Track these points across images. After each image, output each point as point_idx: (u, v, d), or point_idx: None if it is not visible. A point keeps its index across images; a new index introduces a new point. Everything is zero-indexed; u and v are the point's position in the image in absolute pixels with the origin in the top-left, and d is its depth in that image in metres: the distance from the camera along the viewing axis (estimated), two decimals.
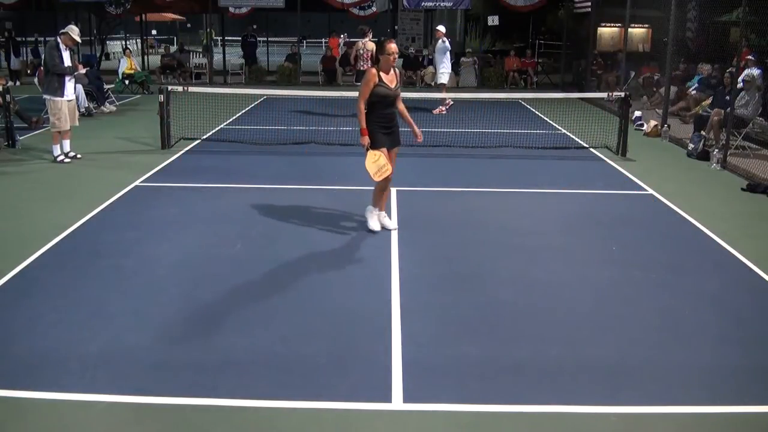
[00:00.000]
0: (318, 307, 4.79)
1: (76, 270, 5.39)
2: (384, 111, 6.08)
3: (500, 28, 22.90)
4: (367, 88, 5.96)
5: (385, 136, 6.12)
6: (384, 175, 6.05)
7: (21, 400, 3.57)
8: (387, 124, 6.12)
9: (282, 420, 3.48)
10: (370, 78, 5.94)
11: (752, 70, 10.80)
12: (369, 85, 5.95)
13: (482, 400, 3.65)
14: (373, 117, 6.06)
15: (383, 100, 6.03)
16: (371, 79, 5.93)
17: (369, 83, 5.94)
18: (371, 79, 5.93)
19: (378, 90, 5.96)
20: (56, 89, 9.01)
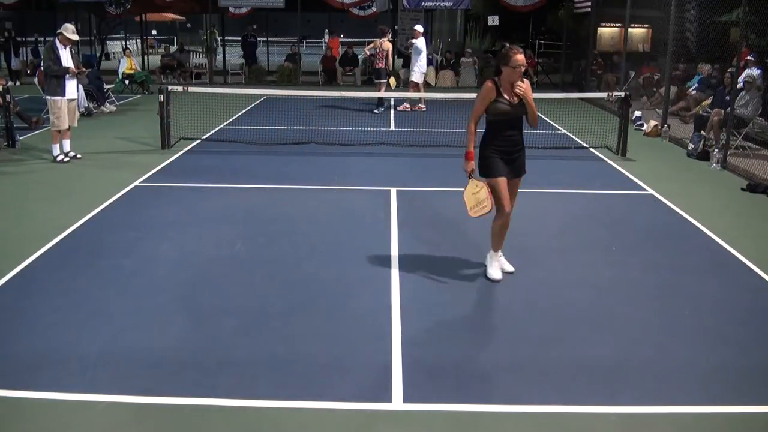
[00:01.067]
0: (318, 307, 4.79)
1: (76, 270, 5.39)
2: (504, 132, 5.09)
3: (500, 28, 22.88)
4: (481, 103, 5.04)
5: (504, 163, 5.12)
6: (481, 212, 5.08)
7: (21, 400, 3.57)
8: (507, 148, 5.11)
9: (282, 420, 3.48)
10: (485, 92, 5.02)
11: (752, 70, 10.81)
12: (484, 101, 5.03)
13: (482, 400, 3.65)
14: (491, 139, 5.13)
15: (502, 118, 5.05)
16: (487, 94, 5.01)
17: (484, 98, 5.02)
18: (487, 93, 5.01)
19: (496, 106, 5.02)
20: (56, 88, 9.02)
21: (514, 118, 5.08)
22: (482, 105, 5.04)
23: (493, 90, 5.01)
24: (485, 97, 5.02)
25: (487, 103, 5.02)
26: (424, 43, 14.71)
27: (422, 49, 14.53)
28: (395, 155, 10.08)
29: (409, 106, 14.73)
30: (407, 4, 19.90)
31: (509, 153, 5.13)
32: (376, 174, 8.81)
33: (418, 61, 14.49)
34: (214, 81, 20.51)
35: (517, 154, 5.18)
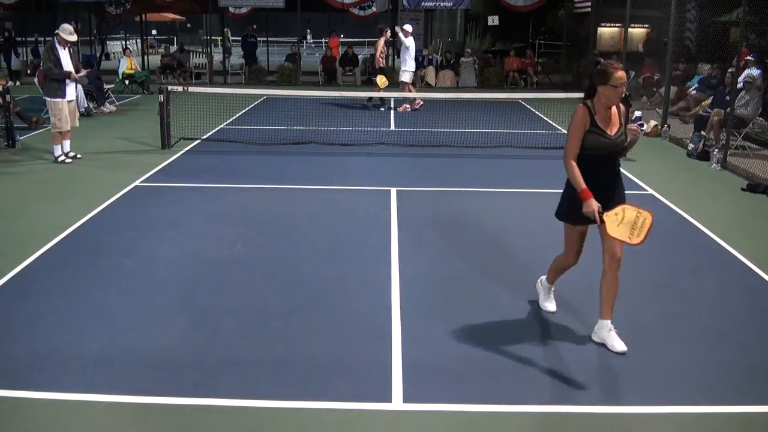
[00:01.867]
0: (318, 307, 4.79)
1: (76, 270, 5.39)
2: (597, 170, 4.08)
3: (500, 28, 22.90)
4: (576, 136, 4.07)
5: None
6: (645, 231, 3.90)
7: (21, 400, 3.57)
8: (600, 190, 4.06)
9: (282, 420, 3.48)
10: (579, 120, 4.07)
11: (752, 70, 10.81)
12: (578, 131, 4.06)
13: (482, 400, 3.65)
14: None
15: (598, 153, 4.07)
16: (581, 122, 4.06)
17: (578, 127, 4.07)
18: (581, 121, 4.06)
19: (592, 138, 4.05)
20: (56, 90, 9.00)
21: (610, 152, 4.10)
22: (578, 137, 4.07)
23: (587, 116, 4.06)
24: (580, 126, 4.06)
25: (582, 134, 4.06)
26: (413, 42, 14.78)
27: (409, 47, 14.60)
28: (395, 155, 10.08)
29: (408, 107, 14.76)
30: (407, 4, 19.91)
31: (603, 194, 4.07)
32: (376, 174, 8.81)
33: (408, 61, 14.55)
34: (214, 81, 20.51)
35: (612, 197, 4.12)
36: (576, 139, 4.07)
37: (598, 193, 4.03)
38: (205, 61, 21.39)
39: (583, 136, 4.05)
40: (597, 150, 4.06)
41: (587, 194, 4.01)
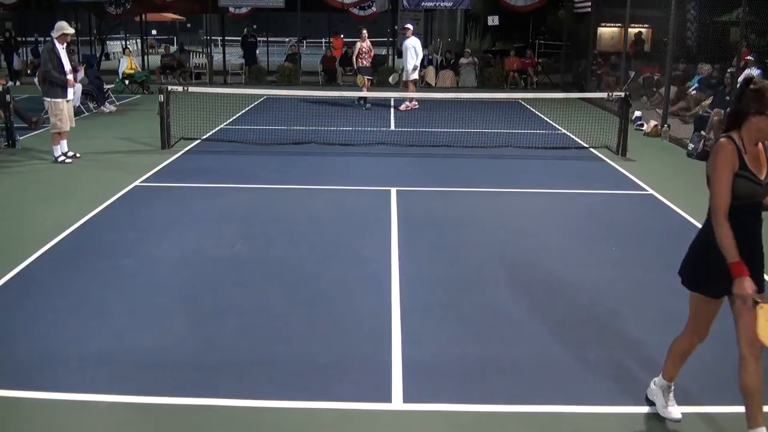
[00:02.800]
0: (318, 307, 4.79)
1: (76, 270, 5.39)
2: (743, 221, 3.11)
3: (500, 28, 22.89)
4: (727, 179, 3.05)
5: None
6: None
7: (21, 400, 3.57)
8: (746, 245, 3.08)
9: (282, 420, 3.48)
10: (726, 158, 3.06)
11: (752, 70, 10.81)
12: (728, 174, 3.05)
13: (482, 400, 3.65)
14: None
15: (745, 203, 3.10)
16: (729, 161, 3.05)
17: (727, 169, 3.05)
18: (729, 160, 3.05)
19: (741, 183, 3.06)
20: (57, 90, 8.98)
21: (760, 199, 3.15)
22: (728, 183, 3.04)
23: (735, 155, 3.05)
24: (729, 167, 3.04)
25: (731, 179, 3.05)
26: (415, 41, 14.87)
27: (412, 47, 14.69)
28: (395, 155, 10.08)
29: (410, 105, 14.85)
30: (407, 4, 19.90)
31: (748, 252, 3.08)
32: (376, 174, 8.81)
33: (410, 60, 14.69)
34: (214, 81, 20.51)
35: (757, 253, 3.22)
36: (727, 186, 3.03)
37: (742, 250, 3.03)
38: (205, 61, 21.39)
39: (735, 180, 3.04)
40: (746, 200, 3.08)
41: (742, 270, 2.98)
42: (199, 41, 32.70)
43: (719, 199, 3.05)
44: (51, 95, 9.03)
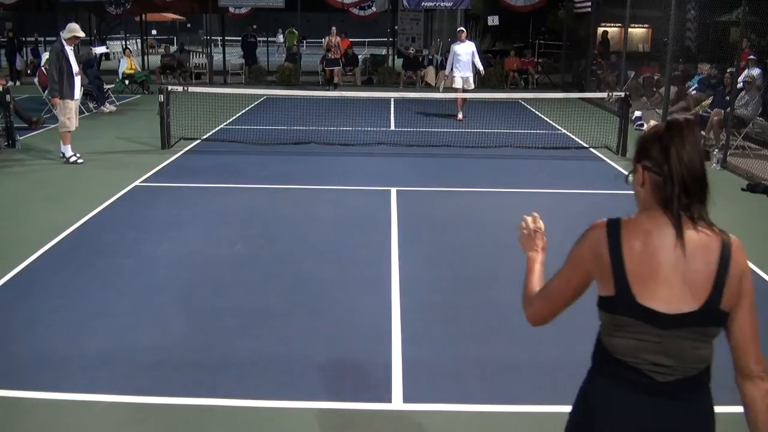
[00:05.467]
0: (318, 307, 4.78)
1: (76, 270, 5.39)
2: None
3: (500, 28, 22.90)
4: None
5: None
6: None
7: (21, 400, 3.57)
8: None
9: (282, 420, 3.48)
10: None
11: (752, 70, 10.81)
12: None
13: (482, 400, 3.65)
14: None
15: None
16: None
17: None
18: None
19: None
20: (66, 90, 8.94)
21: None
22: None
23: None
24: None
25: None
26: (461, 47, 13.47)
27: (457, 53, 13.46)
28: (395, 155, 10.08)
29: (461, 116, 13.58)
30: (407, 4, 19.89)
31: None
32: (376, 174, 8.81)
33: (453, 66, 13.51)
34: (214, 81, 20.51)
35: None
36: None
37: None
38: (205, 61, 21.39)
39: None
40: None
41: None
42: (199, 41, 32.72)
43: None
44: (62, 95, 8.94)
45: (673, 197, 1.72)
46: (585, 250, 1.84)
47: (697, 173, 1.73)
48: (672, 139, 1.71)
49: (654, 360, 1.72)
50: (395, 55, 22.41)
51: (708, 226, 1.77)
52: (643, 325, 1.71)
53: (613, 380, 1.80)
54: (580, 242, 1.88)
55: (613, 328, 1.78)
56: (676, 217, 1.72)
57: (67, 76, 8.92)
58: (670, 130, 1.72)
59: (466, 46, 13.38)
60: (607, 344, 1.82)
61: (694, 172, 1.72)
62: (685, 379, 1.74)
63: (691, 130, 1.72)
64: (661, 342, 1.71)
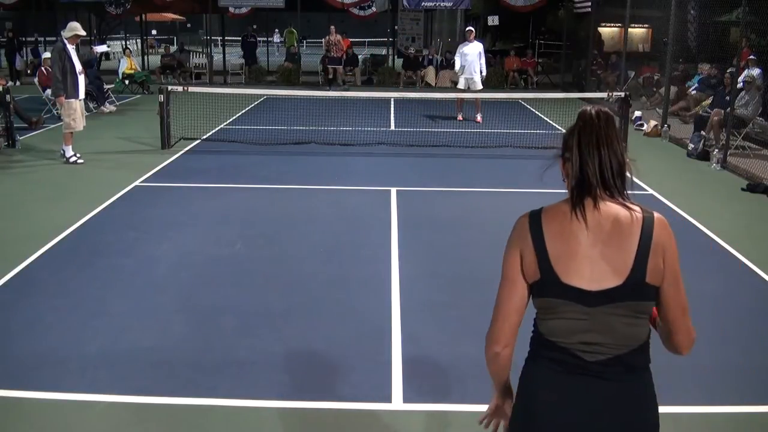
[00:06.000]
0: (318, 307, 4.78)
1: (76, 270, 5.38)
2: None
3: (500, 28, 22.89)
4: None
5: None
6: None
7: (21, 400, 3.57)
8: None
9: (282, 420, 3.48)
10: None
11: (752, 70, 10.81)
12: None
13: (482, 400, 3.63)
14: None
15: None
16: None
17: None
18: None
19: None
20: (70, 90, 8.90)
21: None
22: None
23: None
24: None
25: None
26: (468, 47, 13.17)
27: (463, 53, 13.19)
28: (395, 155, 10.08)
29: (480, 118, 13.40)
30: (407, 4, 19.90)
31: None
32: (376, 174, 8.81)
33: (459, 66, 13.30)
34: (214, 81, 20.51)
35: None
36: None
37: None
38: (205, 61, 21.39)
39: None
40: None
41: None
42: (199, 41, 32.70)
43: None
44: (67, 95, 8.90)
45: (579, 175, 1.82)
46: (512, 243, 1.90)
47: (607, 160, 1.80)
48: (581, 129, 1.83)
49: (584, 339, 1.76)
50: (395, 55, 22.41)
51: (629, 204, 1.84)
52: (571, 304, 1.76)
53: (545, 362, 1.85)
54: (508, 240, 1.93)
55: (544, 312, 1.85)
56: (590, 193, 1.80)
57: (71, 75, 8.89)
58: (578, 120, 1.85)
59: (474, 46, 13.26)
60: (541, 328, 1.88)
61: (598, 147, 1.80)
62: (617, 358, 1.76)
63: (600, 120, 1.82)
64: (589, 319, 1.75)
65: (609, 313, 1.74)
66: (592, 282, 1.74)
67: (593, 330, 1.75)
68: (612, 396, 1.77)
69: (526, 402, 1.90)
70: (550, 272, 1.77)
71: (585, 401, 1.77)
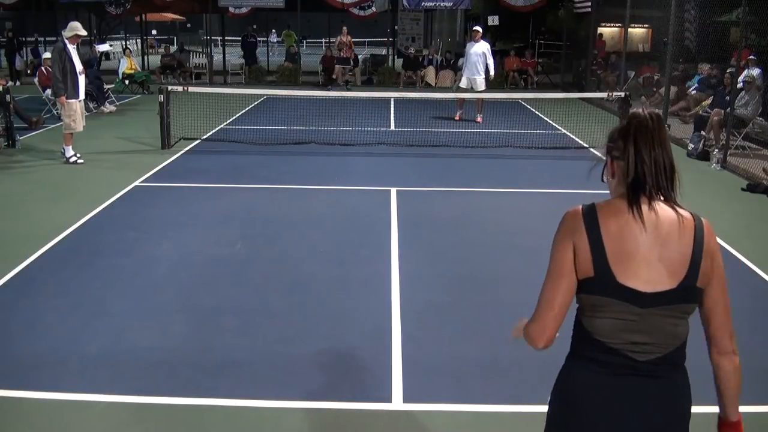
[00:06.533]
0: (318, 307, 4.78)
1: (76, 270, 5.39)
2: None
3: (500, 28, 22.87)
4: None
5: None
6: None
7: (21, 400, 3.57)
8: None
9: (282, 420, 3.48)
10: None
11: (752, 70, 10.81)
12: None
13: (482, 400, 3.65)
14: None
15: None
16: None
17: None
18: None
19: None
20: (71, 90, 8.90)
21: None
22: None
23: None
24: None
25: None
26: (474, 47, 13.29)
27: (485, 52, 13.22)
28: (395, 155, 10.08)
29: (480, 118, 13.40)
30: (407, 4, 19.90)
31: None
32: (376, 174, 8.81)
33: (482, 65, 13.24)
34: (214, 81, 20.51)
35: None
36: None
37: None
38: (205, 61, 21.39)
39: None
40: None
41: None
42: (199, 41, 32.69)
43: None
44: (67, 96, 8.90)
45: (642, 182, 1.81)
46: (564, 237, 1.84)
47: (661, 161, 1.83)
48: (636, 129, 1.81)
49: (632, 339, 1.77)
50: (395, 55, 22.40)
51: (678, 208, 1.85)
52: (622, 304, 1.75)
53: (594, 364, 1.83)
54: (558, 233, 1.88)
55: (592, 309, 1.82)
56: (645, 195, 1.81)
57: (71, 75, 8.89)
58: (632, 120, 1.83)
59: (479, 46, 13.29)
60: (586, 326, 1.87)
61: (658, 160, 1.83)
62: (664, 357, 1.79)
63: (653, 122, 1.82)
64: (640, 320, 1.76)
65: (659, 314, 1.75)
66: (648, 284, 1.74)
67: (642, 331, 1.76)
68: (662, 392, 1.81)
69: (569, 405, 1.89)
70: (607, 271, 1.75)
71: (635, 400, 1.79)
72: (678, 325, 1.79)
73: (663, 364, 1.79)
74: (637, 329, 1.76)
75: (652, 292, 1.73)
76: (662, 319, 1.76)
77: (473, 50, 13.20)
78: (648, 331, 1.76)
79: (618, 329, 1.78)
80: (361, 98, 14.85)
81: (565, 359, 1.97)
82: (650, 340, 1.77)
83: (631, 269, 1.74)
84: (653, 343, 1.77)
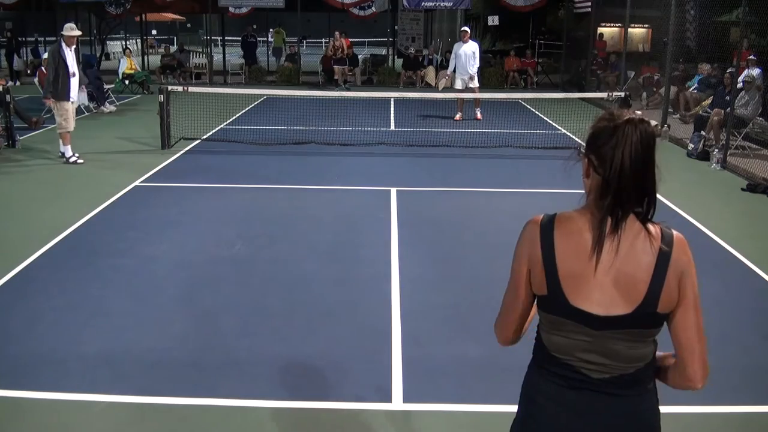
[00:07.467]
0: (318, 307, 4.78)
1: (75, 270, 5.39)
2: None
3: (500, 28, 22.88)
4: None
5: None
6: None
7: (21, 400, 3.57)
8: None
9: (282, 420, 3.48)
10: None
11: (752, 70, 10.81)
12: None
13: (482, 400, 3.65)
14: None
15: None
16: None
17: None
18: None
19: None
20: (63, 92, 8.95)
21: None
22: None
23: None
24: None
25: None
26: (461, 47, 13.40)
27: (474, 52, 13.37)
28: (395, 155, 10.08)
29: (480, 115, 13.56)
30: (407, 4, 19.90)
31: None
32: (376, 174, 8.81)
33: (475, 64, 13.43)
34: (214, 81, 20.50)
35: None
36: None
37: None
38: (205, 61, 21.38)
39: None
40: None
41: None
42: (199, 41, 32.71)
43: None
44: (59, 97, 8.98)
45: (609, 199, 1.64)
46: (522, 247, 1.80)
47: (639, 175, 1.63)
48: (617, 140, 1.63)
49: (588, 358, 1.72)
50: (395, 55, 22.40)
51: (652, 225, 1.69)
52: (577, 326, 1.70)
53: (551, 375, 1.79)
54: (518, 242, 1.82)
55: (548, 325, 1.79)
56: (613, 219, 1.65)
57: (63, 77, 8.93)
58: (618, 130, 1.64)
59: (468, 46, 13.35)
60: (544, 340, 1.83)
61: (635, 174, 1.63)
62: (621, 377, 1.72)
63: (640, 131, 1.63)
64: (595, 342, 1.70)
65: (614, 337, 1.69)
66: (601, 307, 1.67)
67: (597, 352, 1.71)
68: (621, 411, 1.73)
69: (531, 411, 1.86)
70: (558, 292, 1.70)
71: (591, 414, 1.74)
72: (637, 348, 1.71)
73: (620, 382, 1.72)
74: (592, 350, 1.71)
75: (606, 316, 1.66)
76: (618, 342, 1.69)
77: (462, 50, 13.29)
78: (604, 353, 1.70)
79: (573, 348, 1.73)
80: (361, 98, 14.85)
81: (528, 364, 1.95)
82: (606, 362, 1.71)
83: (584, 292, 1.67)
84: (609, 364, 1.71)
